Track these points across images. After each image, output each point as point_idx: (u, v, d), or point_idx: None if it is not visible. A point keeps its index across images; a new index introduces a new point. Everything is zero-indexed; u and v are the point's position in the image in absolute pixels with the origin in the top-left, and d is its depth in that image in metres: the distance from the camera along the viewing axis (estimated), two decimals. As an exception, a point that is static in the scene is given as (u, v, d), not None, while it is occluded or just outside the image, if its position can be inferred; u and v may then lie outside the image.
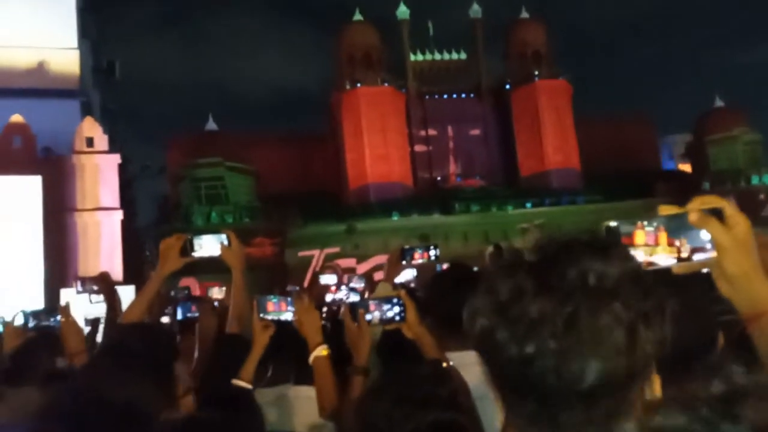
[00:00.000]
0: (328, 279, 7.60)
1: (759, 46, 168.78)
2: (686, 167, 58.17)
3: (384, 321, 2.50)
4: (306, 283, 34.20)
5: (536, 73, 57.01)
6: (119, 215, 24.35)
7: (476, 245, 43.72)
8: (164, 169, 41.84)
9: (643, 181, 49.43)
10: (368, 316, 2.50)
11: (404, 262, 3.84)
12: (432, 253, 3.69)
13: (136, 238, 33.52)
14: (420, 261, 3.69)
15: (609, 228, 1.21)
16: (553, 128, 55.56)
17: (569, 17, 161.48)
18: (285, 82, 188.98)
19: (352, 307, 2.63)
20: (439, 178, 56.41)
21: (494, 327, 0.91)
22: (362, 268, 36.86)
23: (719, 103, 53.24)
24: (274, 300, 2.91)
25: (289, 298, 2.95)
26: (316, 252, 35.35)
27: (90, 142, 25.23)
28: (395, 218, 45.58)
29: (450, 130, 58.46)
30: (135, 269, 25.47)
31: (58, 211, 22.26)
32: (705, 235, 1.15)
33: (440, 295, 2.74)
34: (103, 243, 23.82)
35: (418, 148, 57.43)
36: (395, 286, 3.81)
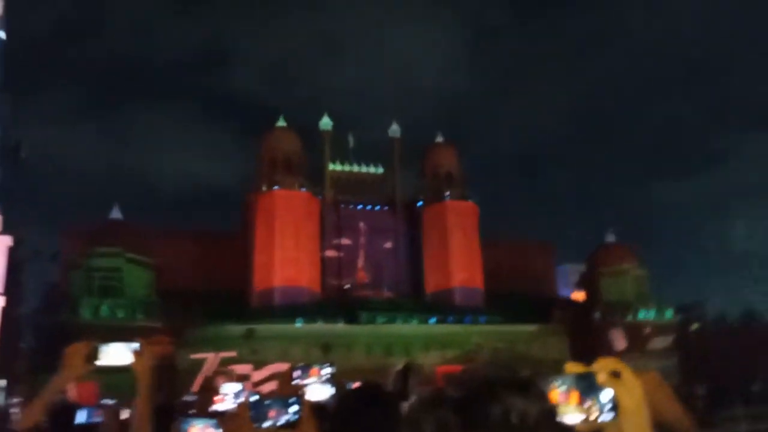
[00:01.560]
0: (230, 387, 6.99)
1: (650, 185, 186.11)
2: (580, 295, 61.41)
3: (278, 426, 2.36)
4: (195, 389, 32.44)
5: (447, 193, 59.84)
6: (1, 301, 22.68)
7: (379, 358, 43.44)
8: (57, 255, 39.54)
9: (540, 306, 51.57)
10: (266, 423, 2.35)
11: (295, 382, 3.72)
12: (324, 371, 3.49)
13: (16, 327, 31.02)
14: (311, 380, 3.64)
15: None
16: (459, 247, 57.67)
17: (483, 142, 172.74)
18: (201, 178, 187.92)
19: (253, 407, 2.44)
20: (347, 287, 56.47)
21: None
22: (258, 375, 35.50)
23: (611, 238, 57.42)
24: (198, 424, 2.82)
25: (214, 421, 2.83)
26: (210, 355, 33.85)
27: (-21, 221, 23.84)
28: (299, 324, 44.72)
29: (362, 240, 59.43)
30: (8, 361, 23.41)
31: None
32: (605, 397, 1.25)
33: (346, 416, 2.73)
34: (-25, 331, 21.95)
35: (329, 254, 57.73)
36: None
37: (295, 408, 2.36)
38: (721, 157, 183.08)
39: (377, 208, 61.60)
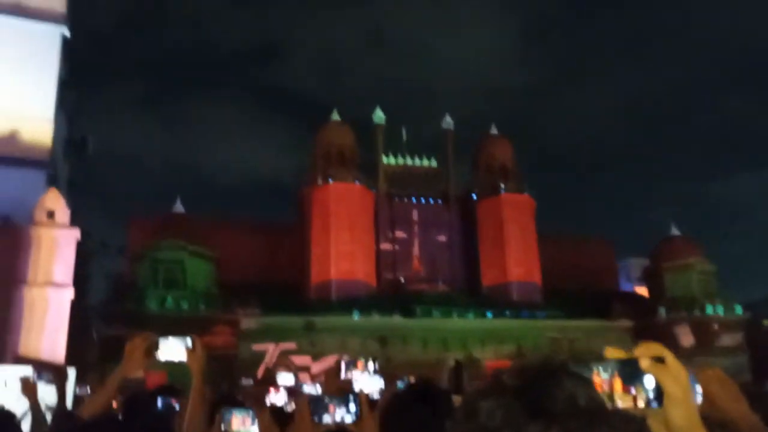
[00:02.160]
0: (284, 379, 7.32)
1: (716, 179, 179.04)
2: (643, 290, 59.46)
3: (338, 423, 2.40)
4: (259, 378, 32.85)
5: (502, 186, 58.89)
6: (70, 293, 23.38)
7: (435, 351, 43.17)
8: (124, 248, 40.79)
9: (601, 301, 50.16)
10: (326, 418, 2.39)
11: (343, 375, 3.81)
12: (371, 366, 3.75)
13: (85, 317, 32.09)
14: (357, 373, 3.76)
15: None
16: (515, 241, 56.68)
17: (537, 136, 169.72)
18: (258, 172, 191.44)
19: (313, 403, 2.47)
20: (402, 280, 56.30)
21: None
22: (317, 367, 35.72)
23: (675, 231, 55.37)
24: (239, 414, 2.86)
25: (251, 412, 2.89)
26: (270, 346, 34.14)
27: (51, 214, 24.66)
28: (355, 317, 44.83)
29: (416, 234, 59.10)
30: (79, 350, 24.18)
31: (7, 283, 21.32)
32: (650, 384, 1.20)
33: (397, 412, 2.69)
34: (48, 321, 22.69)
35: (384, 248, 57.67)
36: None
37: (353, 406, 2.40)
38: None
39: (431, 201, 61.16)
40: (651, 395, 1.19)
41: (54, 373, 4.40)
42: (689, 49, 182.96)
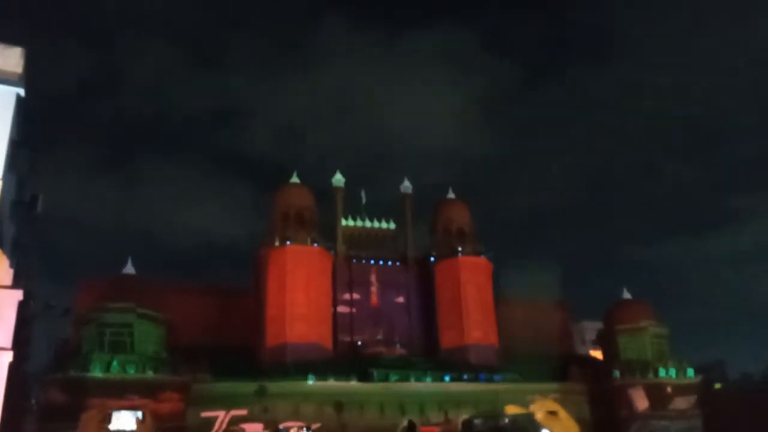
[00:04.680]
0: None
1: (665, 243, 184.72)
2: (597, 353, 59.94)
3: None
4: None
5: (459, 249, 59.54)
6: (8, 357, 22.30)
7: (392, 417, 42.25)
8: (69, 310, 39.24)
9: (557, 364, 50.28)
10: None
11: None
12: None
13: (25, 383, 30.53)
14: None
15: (466, 421, 1.32)
16: (473, 304, 56.94)
17: (494, 201, 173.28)
18: (214, 234, 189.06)
19: None
20: (359, 343, 55.54)
21: None
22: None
23: (627, 295, 56.48)
24: None
25: None
26: (221, 413, 32.98)
27: (-8, 274, 23.72)
28: (311, 381, 43.74)
29: (374, 295, 58.84)
30: (16, 418, 22.85)
31: (-61, 346, 20.25)
32: None
33: None
34: (-18, 387, 21.49)
35: (341, 311, 57.11)
36: None
37: None
38: (733, 215, 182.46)
39: (389, 263, 61.32)
40: None
41: None
42: (640, 116, 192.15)
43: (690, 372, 51.45)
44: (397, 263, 61.34)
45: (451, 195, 65.00)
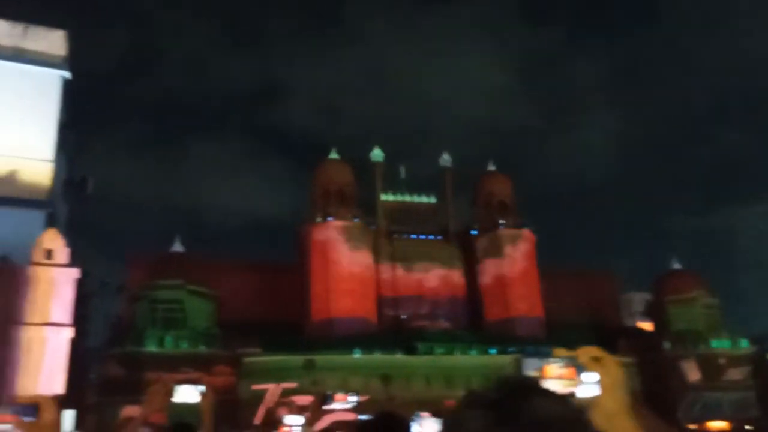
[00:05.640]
0: (293, 420, 7.46)
1: (715, 212, 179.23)
2: (645, 325, 58.85)
3: None
4: (258, 420, 32.17)
5: (501, 221, 58.90)
6: (68, 332, 23.11)
7: (438, 389, 42.39)
8: (123, 288, 40.40)
9: (605, 336, 49.54)
10: None
11: (325, 407, 4.06)
12: (351, 398, 4.01)
13: (84, 358, 31.60)
14: (337, 405, 4.02)
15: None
16: (517, 276, 56.41)
17: (537, 172, 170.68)
18: (257, 211, 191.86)
19: None
20: (403, 317, 55.78)
21: None
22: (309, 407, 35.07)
23: (677, 265, 55.08)
24: None
25: None
26: (271, 386, 33.54)
27: (49, 254, 24.55)
28: (357, 355, 44.21)
29: (416, 270, 58.83)
30: (78, 391, 23.69)
31: (4, 323, 21.07)
32: (591, 377, 1.42)
33: None
34: (46, 360, 22.36)
35: (384, 285, 57.32)
36: None
37: None
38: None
39: (431, 237, 61.08)
40: (591, 383, 1.43)
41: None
42: (687, 81, 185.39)
43: (744, 342, 50.11)
44: (439, 237, 61.08)
45: (491, 167, 64.14)
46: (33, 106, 29.31)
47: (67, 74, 31.09)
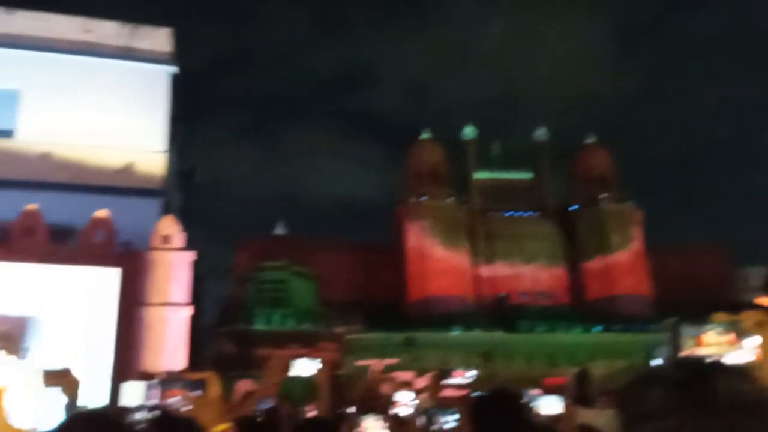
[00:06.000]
0: (404, 396, 7.94)
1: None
2: (765, 300, 54.97)
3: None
4: (364, 392, 33.14)
5: (602, 196, 56.76)
6: (187, 311, 24.67)
7: (540, 367, 41.84)
8: (231, 270, 42.77)
9: (720, 313, 46.82)
10: (434, 427, 2.79)
11: (444, 381, 4.20)
12: (469, 373, 4.07)
13: (200, 337, 33.70)
14: (458, 380, 4.13)
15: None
16: (621, 252, 54.29)
17: (638, 144, 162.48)
18: (353, 193, 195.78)
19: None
20: (502, 295, 55.26)
21: None
22: (420, 382, 35.62)
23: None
24: (370, 419, 3.51)
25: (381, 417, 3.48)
26: (374, 362, 34.50)
27: (167, 239, 26.16)
28: (457, 332, 44.44)
29: (513, 248, 57.96)
30: (197, 366, 25.36)
31: (131, 303, 22.80)
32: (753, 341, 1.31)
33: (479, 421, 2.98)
34: (168, 339, 24.00)
35: (481, 263, 56.94)
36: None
37: (456, 416, 2.68)
38: None
39: (527, 214, 59.87)
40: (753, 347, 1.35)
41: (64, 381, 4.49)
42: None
43: None
44: (536, 213, 59.77)
45: (590, 139, 61.78)
46: (145, 102, 31.19)
47: (174, 69, 32.80)
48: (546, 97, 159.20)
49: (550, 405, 14.16)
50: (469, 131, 62.23)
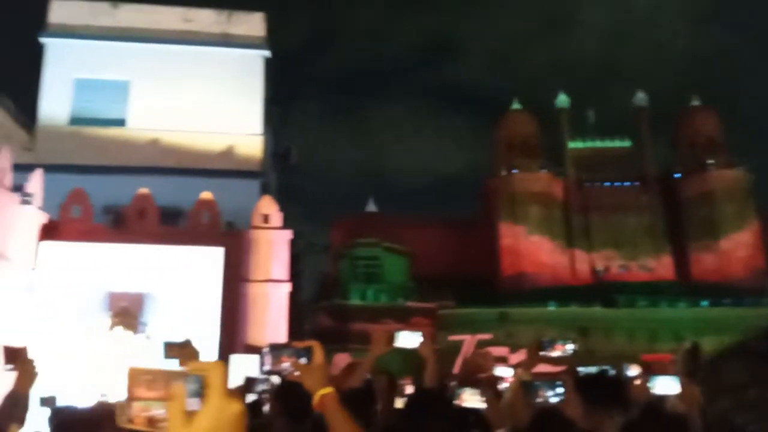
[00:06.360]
0: (502, 371, 8.17)
1: None
2: None
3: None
4: (456, 370, 33.41)
5: (710, 161, 53.42)
6: (287, 287, 25.71)
7: (642, 343, 40.41)
8: (327, 248, 44.15)
9: None
10: (537, 400, 2.87)
11: (542, 353, 4.16)
12: (569, 347, 4.12)
13: (299, 312, 35.10)
14: (557, 353, 4.12)
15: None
16: (731, 221, 51.04)
17: (746, 106, 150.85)
18: (441, 168, 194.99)
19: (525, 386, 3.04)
20: (599, 269, 53.56)
21: (731, 410, 0.94)
22: (515, 358, 35.41)
23: None
24: (469, 391, 3.64)
25: (479, 390, 3.66)
26: (467, 337, 34.61)
27: (266, 218, 27.24)
28: (551, 308, 43.66)
29: (612, 219, 55.85)
30: (296, 341, 26.48)
31: (234, 280, 24.05)
32: None
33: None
34: (270, 313, 25.16)
35: (577, 236, 55.36)
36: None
37: (560, 389, 2.76)
38: None
39: (626, 183, 57.38)
40: None
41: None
42: None
43: None
44: (636, 183, 57.15)
45: (695, 102, 58.07)
46: (242, 86, 32.32)
47: (268, 53, 33.77)
48: (644, 61, 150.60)
49: (665, 384, 13.63)
50: (562, 99, 60.19)
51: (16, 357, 3.78)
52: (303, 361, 2.65)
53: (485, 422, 3.53)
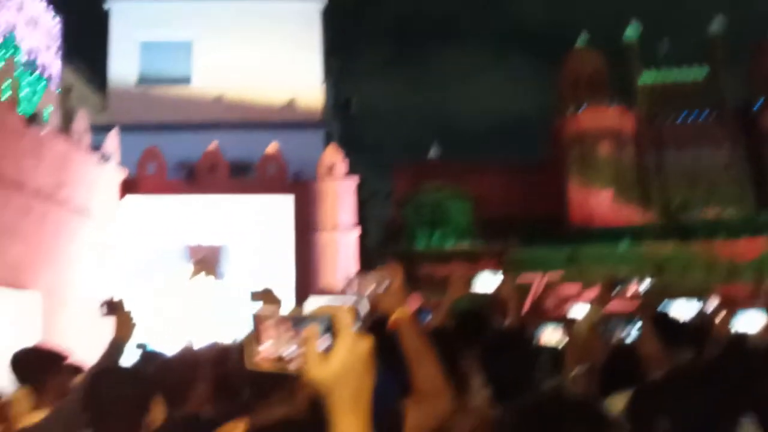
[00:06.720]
0: (574, 309, 8.20)
1: None
2: None
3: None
4: (526, 308, 33.46)
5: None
6: (355, 234, 26.26)
7: (721, 279, 39.08)
8: (390, 194, 44.58)
9: None
10: (613, 340, 2.98)
11: (616, 291, 4.07)
12: (643, 284, 4.22)
13: (366, 258, 35.83)
14: (631, 291, 4.25)
15: None
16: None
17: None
18: (504, 110, 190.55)
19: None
20: (673, 205, 51.71)
21: None
22: (588, 295, 35.03)
23: None
24: (551, 327, 3.79)
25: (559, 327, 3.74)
26: (536, 276, 34.47)
27: (331, 168, 27.67)
28: (624, 246, 42.58)
29: (687, 154, 53.49)
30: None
31: (304, 229, 24.76)
32: None
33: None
34: (339, 260, 25.86)
35: (650, 173, 53.44)
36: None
37: (637, 326, 2.73)
38: None
39: (702, 117, 54.56)
40: None
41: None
42: None
43: None
44: (711, 117, 54.24)
45: (771, 31, 54.04)
46: (300, 39, 32.39)
47: (324, 4, 33.61)
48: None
49: (748, 318, 12.74)
50: (631, 30, 57.21)
51: (116, 308, 4.05)
52: (385, 284, 2.77)
53: (559, 361, 3.53)
